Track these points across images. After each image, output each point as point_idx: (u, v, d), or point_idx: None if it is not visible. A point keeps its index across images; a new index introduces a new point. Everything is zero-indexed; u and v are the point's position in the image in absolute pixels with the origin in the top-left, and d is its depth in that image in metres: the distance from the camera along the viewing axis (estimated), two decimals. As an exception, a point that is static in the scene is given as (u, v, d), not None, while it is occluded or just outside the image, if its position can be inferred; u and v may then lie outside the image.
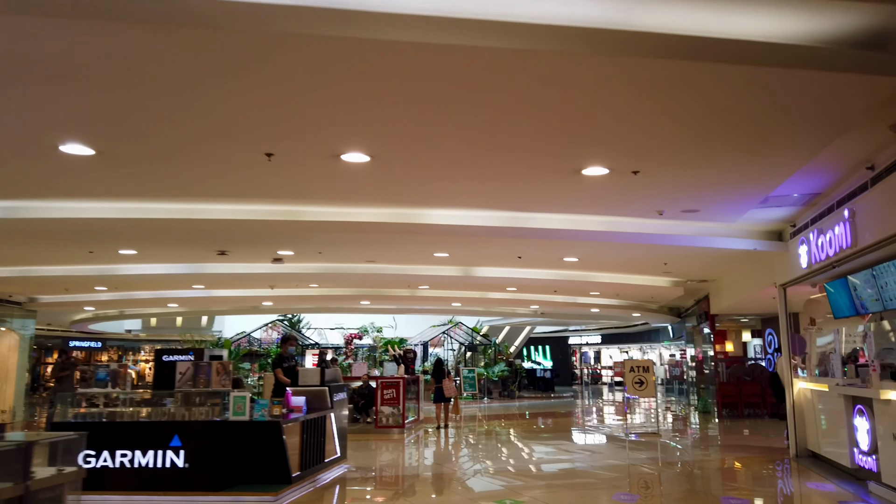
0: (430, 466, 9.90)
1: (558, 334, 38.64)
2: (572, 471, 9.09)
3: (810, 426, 9.66)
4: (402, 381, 13.94)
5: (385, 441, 12.53)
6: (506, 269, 13.72)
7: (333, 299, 17.93)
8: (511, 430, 14.67)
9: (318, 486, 8.03)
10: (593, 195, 7.64)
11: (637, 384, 13.35)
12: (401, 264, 12.81)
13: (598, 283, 14.73)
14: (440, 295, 17.40)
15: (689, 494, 7.47)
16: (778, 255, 10.19)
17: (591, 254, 11.30)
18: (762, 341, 19.02)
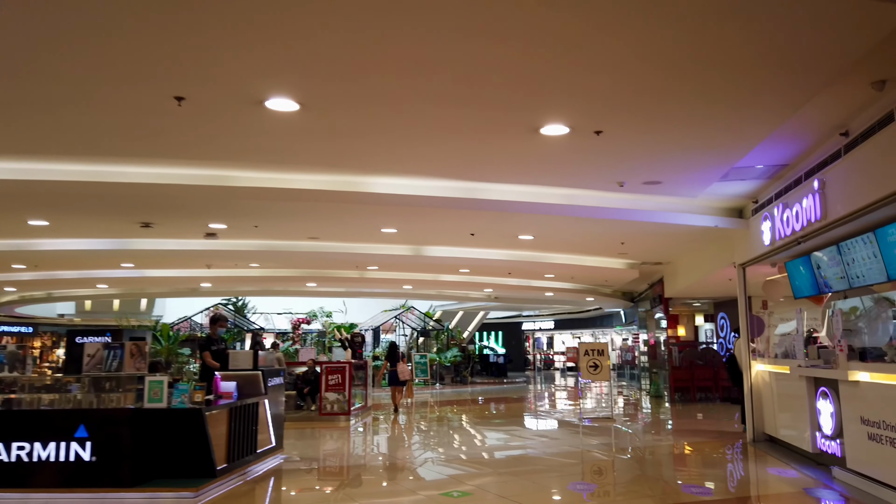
0: (375, 455, 9.25)
1: (512, 320, 38.41)
2: (525, 458, 8.57)
3: (768, 410, 9.37)
4: (348, 366, 13.21)
5: (329, 429, 11.81)
6: (458, 249, 13.10)
7: (278, 281, 17.02)
8: (463, 416, 14.13)
9: (248, 480, 7.28)
10: (552, 161, 7.05)
11: (591, 368, 12.95)
12: (346, 242, 12.04)
13: (554, 265, 14.27)
14: (390, 277, 16.69)
15: (647, 483, 7.02)
16: (738, 234, 9.85)
17: (548, 231, 10.77)
18: (714, 325, 18.98)
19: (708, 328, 22.47)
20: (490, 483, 7.06)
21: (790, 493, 6.56)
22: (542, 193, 8.45)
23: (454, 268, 15.37)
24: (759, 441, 9.43)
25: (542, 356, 39.91)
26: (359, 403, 14.26)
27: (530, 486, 6.74)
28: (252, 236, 11.19)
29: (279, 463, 8.30)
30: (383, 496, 6.62)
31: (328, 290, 20.08)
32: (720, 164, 7.09)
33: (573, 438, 10.27)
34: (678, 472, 7.72)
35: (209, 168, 7.22)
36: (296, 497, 6.94)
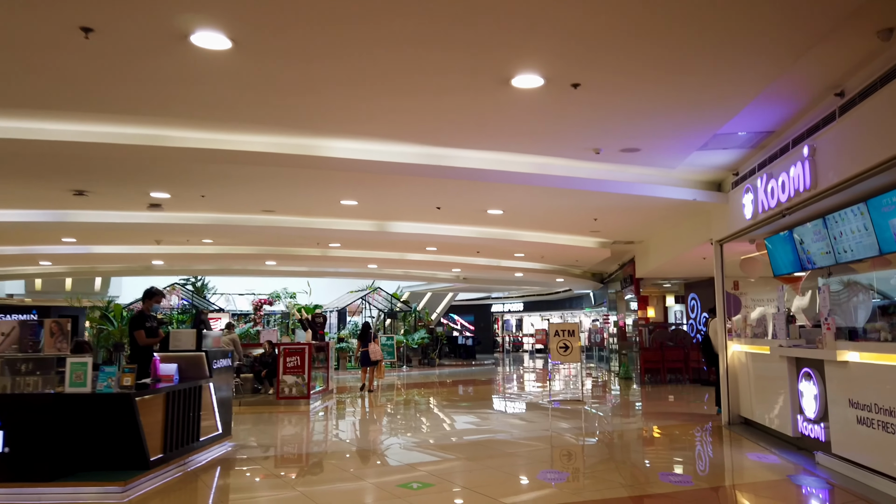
0: (333, 441, 8.64)
1: (481, 302, 38.01)
2: (493, 443, 8.05)
3: (744, 392, 9.01)
4: (307, 347, 12.54)
5: (286, 413, 11.16)
6: (424, 225, 12.46)
7: (235, 259, 16.18)
8: (430, 399, 13.59)
9: (189, 471, 6.62)
10: (525, 122, 6.44)
11: (562, 349, 12.51)
12: (304, 216, 11.30)
13: (523, 243, 13.73)
14: (354, 255, 15.99)
15: (621, 470, 6.54)
16: (716, 209, 9.40)
17: (518, 206, 10.19)
18: (685, 307, 18.73)
19: (678, 309, 22.29)
20: (455, 471, 6.52)
21: (773, 480, 6.14)
22: (513, 162, 7.85)
23: (421, 246, 14.74)
24: (734, 424, 9.07)
25: (511, 338, 39.68)
26: (320, 386, 13.63)
27: (497, 475, 6.21)
28: (200, 208, 10.38)
29: (227, 451, 7.65)
30: (335, 487, 6.02)
31: (290, 269, 19.29)
32: (704, 128, 6.56)
33: (542, 422, 9.80)
34: (653, 458, 7.27)
35: (138, 125, 6.43)
36: (239, 489, 6.30)
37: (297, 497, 5.63)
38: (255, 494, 6.00)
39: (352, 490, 5.82)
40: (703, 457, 7.40)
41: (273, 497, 5.77)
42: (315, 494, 5.68)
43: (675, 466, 6.72)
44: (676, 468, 6.61)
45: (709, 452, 7.63)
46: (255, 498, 5.85)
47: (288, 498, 5.66)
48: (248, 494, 6.03)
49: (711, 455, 7.47)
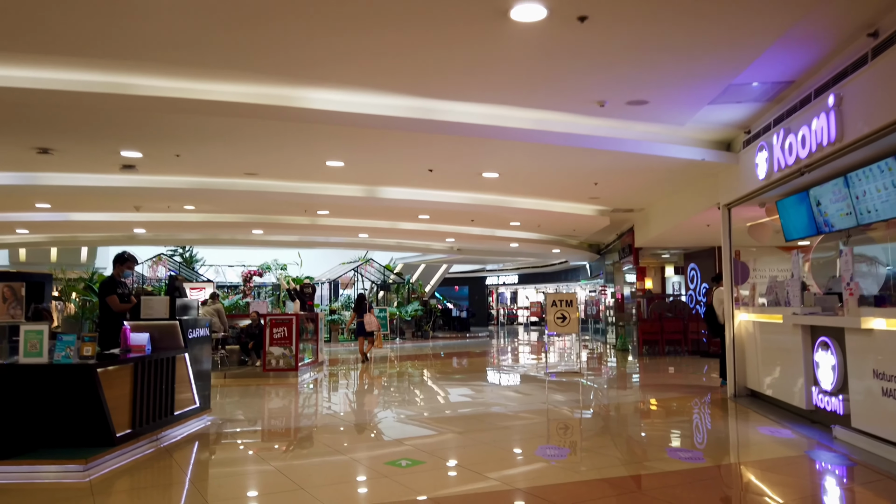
0: (319, 416, 8.18)
1: (475, 274, 37.58)
2: (488, 417, 7.61)
3: (751, 363, 8.58)
4: (294, 318, 12.05)
5: (272, 386, 10.71)
6: (416, 190, 11.89)
7: (220, 227, 15.59)
8: (422, 372, 13.16)
9: (161, 447, 6.15)
10: (524, 66, 5.86)
11: (559, 320, 12.05)
12: (289, 180, 10.71)
13: (520, 211, 13.19)
14: (344, 224, 15.42)
15: (626, 446, 6.11)
16: (724, 171, 8.87)
17: (514, 168, 9.63)
18: (684, 277, 18.28)
19: (676, 280, 21.91)
20: (447, 447, 6.06)
21: (790, 456, 5.71)
22: (510, 117, 7.28)
23: (413, 213, 14.18)
24: (740, 396, 8.66)
25: (506, 311, 39.37)
26: (309, 359, 13.19)
27: (493, 451, 5.76)
28: (177, 171, 9.78)
29: (205, 426, 7.18)
30: (316, 464, 5.56)
31: (279, 238, 18.72)
32: (719, 76, 6.00)
33: (539, 395, 9.37)
34: (658, 432, 6.83)
35: (100, 70, 5.83)
36: (212, 465, 5.84)
37: (272, 473, 5.16)
38: (228, 471, 5.53)
39: (334, 467, 5.36)
40: (711, 431, 6.97)
41: (248, 473, 5.31)
42: (293, 471, 5.22)
43: (682, 441, 6.28)
44: (685, 443, 6.17)
45: (717, 426, 7.21)
46: (227, 475, 5.38)
47: (264, 473, 5.20)
48: (222, 471, 5.56)
49: (720, 429, 7.04)
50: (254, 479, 5.17)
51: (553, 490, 4.48)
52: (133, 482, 5.16)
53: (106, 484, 4.95)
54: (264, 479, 5.12)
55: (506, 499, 4.41)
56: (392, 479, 4.80)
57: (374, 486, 4.81)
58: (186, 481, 5.11)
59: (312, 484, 4.79)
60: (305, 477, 5.04)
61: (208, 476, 5.43)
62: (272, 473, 5.20)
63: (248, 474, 5.32)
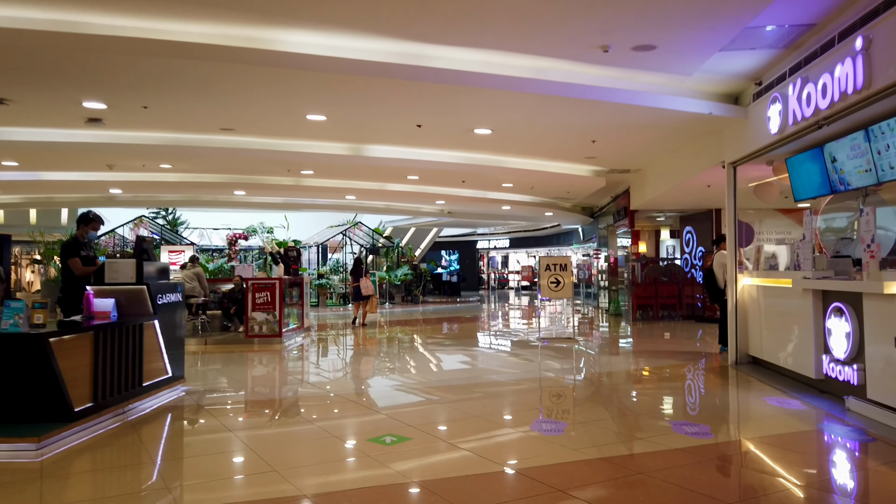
0: (301, 385, 7.75)
1: (466, 238, 37.12)
2: (479, 387, 7.21)
3: (754, 329, 8.21)
4: (278, 282, 11.56)
5: (254, 353, 10.28)
6: (404, 149, 11.31)
7: (201, 188, 14.95)
8: (411, 338, 12.77)
9: (128, 421, 5.72)
10: (521, 5, 5.27)
11: (553, 284, 11.64)
12: (269, 136, 10.10)
13: (513, 171, 12.65)
14: (330, 185, 14.82)
15: (627, 420, 5.72)
16: (731, 127, 8.36)
17: (508, 123, 9.06)
18: (679, 241, 17.87)
19: (671, 244, 21.54)
20: (436, 421, 5.65)
21: (803, 431, 5.34)
22: (506, 64, 6.69)
23: (401, 174, 13.60)
24: (742, 363, 8.31)
25: (497, 275, 39.05)
26: (294, 324, 12.75)
27: (483, 426, 5.35)
28: (148, 125, 9.14)
29: (178, 396, 6.74)
30: (292, 442, 5.13)
31: (263, 200, 18.11)
32: (736, 17, 5.45)
33: (532, 362, 8.99)
34: (660, 404, 6.45)
35: (44, 6, 5.19)
36: (179, 441, 5.41)
37: (243, 451, 4.73)
38: (196, 447, 5.10)
39: (312, 445, 4.93)
40: (716, 402, 6.59)
41: (217, 450, 4.87)
42: (266, 448, 4.78)
43: (686, 414, 5.90)
44: (689, 416, 5.79)
45: (722, 396, 6.83)
46: (193, 452, 4.95)
47: (234, 451, 4.77)
48: (189, 448, 5.13)
49: (725, 400, 6.66)
50: (223, 457, 4.73)
51: (550, 471, 4.07)
52: (91, 462, 4.71)
53: (60, 464, 4.50)
54: (234, 456, 4.69)
55: (499, 482, 4.00)
56: (373, 460, 4.37)
57: (354, 468, 4.39)
58: (150, 461, 4.67)
59: (286, 464, 4.36)
60: (279, 456, 4.61)
61: (170, 453, 4.99)
62: (244, 451, 4.77)
63: (218, 452, 4.88)
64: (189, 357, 9.89)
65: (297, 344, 11.59)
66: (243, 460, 4.58)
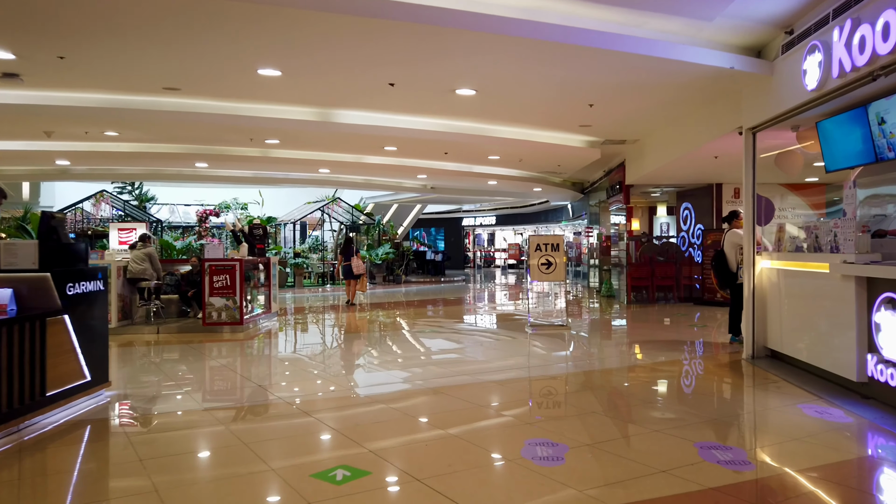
0: (249, 388, 6.60)
1: (451, 215, 35.95)
2: (459, 392, 6.13)
3: (773, 319, 7.18)
4: (238, 264, 10.37)
5: (211, 343, 9.15)
6: (378, 115, 10.09)
7: (159, 160, 13.63)
8: (385, 326, 11.66)
9: (25, 440, 4.59)
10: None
11: (543, 266, 10.55)
12: (222, 98, 8.84)
13: (499, 141, 11.48)
14: (300, 156, 13.57)
15: (642, 440, 4.65)
16: (752, 85, 7.23)
17: (495, 82, 7.87)
18: (676, 218, 16.83)
19: (665, 221, 20.56)
20: (404, 442, 4.55)
21: (861, 458, 4.30)
22: (494, 3, 5.50)
23: (378, 144, 12.38)
24: (759, 358, 7.31)
25: (483, 253, 38.02)
26: (259, 309, 11.58)
27: (462, 453, 4.26)
28: (77, 83, 7.85)
29: (99, 405, 5.61)
30: (212, 482, 4.01)
31: (231, 173, 16.80)
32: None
33: (521, 356, 7.91)
34: (678, 417, 5.36)
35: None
36: (71, 470, 4.26)
37: (145, 493, 3.60)
38: (92, 479, 3.96)
39: (239, 485, 3.81)
40: (743, 411, 5.54)
41: (116, 485, 3.74)
42: (176, 489, 3.66)
43: (713, 432, 4.83)
44: (717, 435, 4.72)
45: (747, 403, 5.78)
46: (87, 490, 3.82)
47: (134, 491, 3.64)
48: (84, 481, 4.00)
49: (753, 408, 5.60)
50: (116, 495, 3.60)
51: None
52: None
53: None
54: (131, 499, 3.56)
55: (481, 548, 2.91)
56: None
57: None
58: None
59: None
60: (192, 499, 3.50)
61: (54, 490, 3.85)
62: (145, 493, 3.64)
63: (115, 489, 3.75)
64: (133, 350, 8.75)
65: (263, 332, 10.45)
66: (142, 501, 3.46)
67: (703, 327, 10.49)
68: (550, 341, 9.01)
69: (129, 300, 10.77)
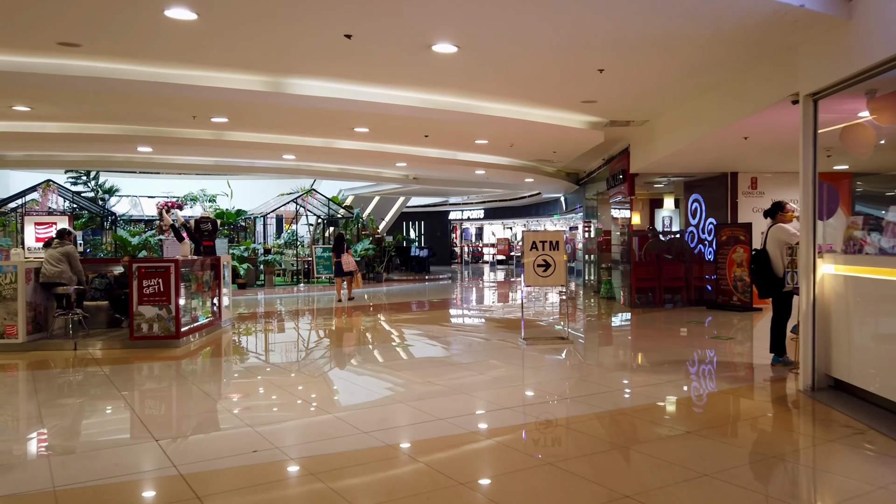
0: (144, 450, 4.82)
1: (436, 209, 34.19)
2: (430, 455, 4.43)
3: (839, 341, 5.54)
4: (173, 265, 8.59)
5: (134, 363, 7.39)
6: (341, 85, 8.35)
7: (92, 142, 11.75)
8: (357, 338, 9.94)
9: None
10: None
11: (540, 268, 8.84)
12: (134, 59, 7.05)
13: (488, 121, 9.77)
14: (258, 139, 11.77)
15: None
16: (816, 38, 5.56)
17: (481, 35, 6.16)
18: (682, 210, 15.17)
19: (666, 215, 18.95)
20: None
21: None
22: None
23: (345, 124, 10.61)
24: (819, 389, 5.66)
25: (471, 248, 36.34)
26: (204, 318, 9.80)
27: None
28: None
29: None
30: None
31: (185, 160, 14.93)
32: None
33: (514, 387, 6.20)
34: (749, 493, 3.68)
35: None
36: None
37: None
38: None
39: None
40: (836, 486, 3.82)
41: None
42: None
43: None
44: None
45: (837, 471, 4.04)
46: None
47: None
48: None
49: (849, 484, 3.88)
50: None
51: None
52: None
53: None
54: None
55: None
56: None
57: None
58: None
59: None
60: None
61: None
62: None
63: None
64: (20, 376, 6.89)
65: (202, 347, 8.69)
66: None
67: (728, 339, 8.85)
68: (548, 362, 7.33)
69: (43, 309, 8.96)
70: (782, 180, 12.96)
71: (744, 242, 12.06)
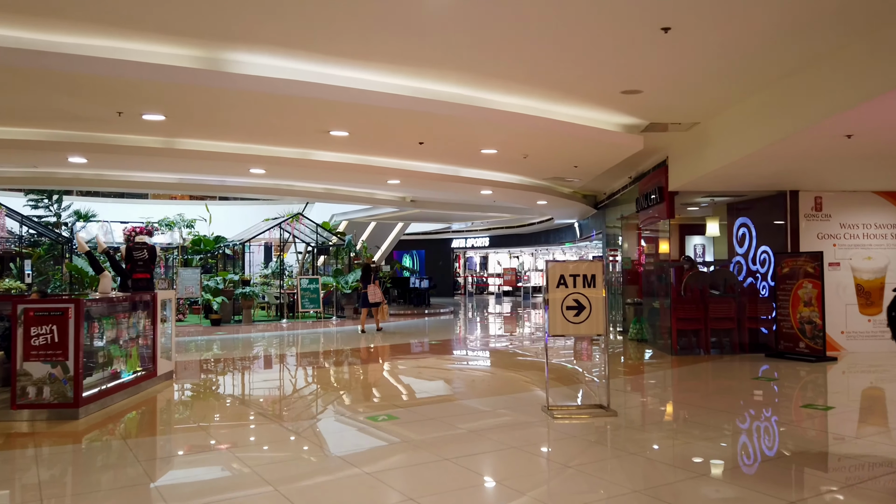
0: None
1: (438, 235, 31.94)
2: None
3: None
4: (72, 307, 6.31)
5: (15, 449, 5.09)
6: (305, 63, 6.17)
7: (9, 149, 9.55)
8: (325, 400, 7.61)
9: None
10: None
11: (571, 311, 6.50)
12: (21, 25, 4.88)
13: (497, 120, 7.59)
14: (215, 148, 9.56)
15: None
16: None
17: None
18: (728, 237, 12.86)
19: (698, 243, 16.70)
20: None
21: None
22: None
23: (317, 123, 8.39)
24: None
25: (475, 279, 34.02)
26: (129, 374, 7.47)
27: None
28: None
29: None
30: None
31: (132, 176, 12.73)
32: None
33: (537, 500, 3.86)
34: None
35: None
36: None
37: None
38: None
39: None
40: None
41: None
42: None
43: None
44: None
45: None
46: None
47: None
48: None
49: None
50: None
51: None
52: None
53: None
54: None
55: None
56: None
57: None
58: None
59: None
60: None
61: None
62: None
63: None
64: None
65: (127, 412, 6.36)
66: None
67: (826, 410, 6.48)
68: (590, 456, 4.98)
69: None
70: (852, 201, 10.71)
71: (813, 276, 9.75)
